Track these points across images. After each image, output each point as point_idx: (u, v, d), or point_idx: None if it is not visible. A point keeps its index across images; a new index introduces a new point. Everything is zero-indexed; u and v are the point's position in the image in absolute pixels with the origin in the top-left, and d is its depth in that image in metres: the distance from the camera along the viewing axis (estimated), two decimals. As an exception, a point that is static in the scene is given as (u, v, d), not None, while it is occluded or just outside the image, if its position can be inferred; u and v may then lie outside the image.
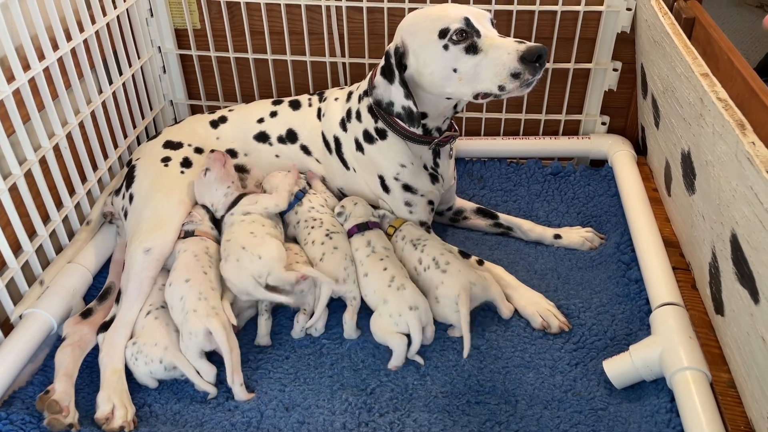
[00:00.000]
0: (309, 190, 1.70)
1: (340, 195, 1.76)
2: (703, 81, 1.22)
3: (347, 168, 1.71)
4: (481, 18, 1.44)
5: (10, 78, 1.42)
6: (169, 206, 1.57)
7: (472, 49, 1.40)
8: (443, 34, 1.41)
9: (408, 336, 1.40)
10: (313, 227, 1.58)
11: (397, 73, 1.47)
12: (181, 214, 1.57)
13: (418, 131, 1.57)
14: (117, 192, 1.68)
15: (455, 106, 1.57)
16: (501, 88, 1.39)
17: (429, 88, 1.48)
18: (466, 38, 1.40)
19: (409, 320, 1.39)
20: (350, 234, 1.59)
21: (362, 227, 1.59)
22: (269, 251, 1.46)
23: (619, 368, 1.34)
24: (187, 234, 1.54)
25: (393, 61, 1.47)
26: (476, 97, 1.44)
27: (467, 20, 1.40)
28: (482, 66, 1.39)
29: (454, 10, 1.43)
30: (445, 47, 1.41)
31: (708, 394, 1.21)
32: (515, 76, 1.36)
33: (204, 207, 1.63)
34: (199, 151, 1.73)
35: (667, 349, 1.30)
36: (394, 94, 1.49)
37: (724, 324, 1.26)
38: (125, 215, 1.61)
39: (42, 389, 1.34)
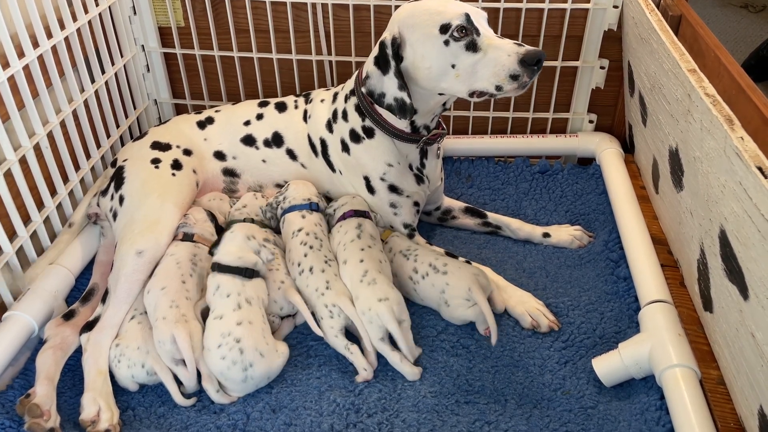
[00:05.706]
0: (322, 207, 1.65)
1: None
2: (691, 77, 1.22)
3: (333, 171, 1.69)
4: (479, 17, 1.44)
5: (-12, 75, 1.40)
6: (163, 209, 1.54)
7: (472, 47, 1.40)
8: (444, 29, 1.40)
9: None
10: (308, 244, 1.53)
11: (393, 63, 1.45)
12: (176, 217, 1.55)
13: (407, 129, 1.56)
14: (104, 193, 1.65)
15: (444, 103, 1.56)
16: (498, 88, 1.40)
17: (423, 82, 1.47)
18: (467, 35, 1.40)
19: (379, 312, 1.37)
20: (345, 216, 1.57)
21: (359, 214, 1.57)
22: None
23: (608, 366, 1.33)
24: (186, 237, 1.52)
25: (389, 51, 1.45)
26: (471, 95, 1.44)
27: (468, 17, 1.40)
28: (481, 65, 1.39)
29: (454, 5, 1.43)
30: (446, 43, 1.40)
31: (697, 392, 1.21)
32: (514, 77, 1.37)
33: (206, 211, 1.61)
34: (187, 152, 1.71)
35: (656, 346, 1.29)
36: (387, 85, 1.47)
37: (713, 321, 1.26)
38: (114, 216, 1.59)
39: (23, 393, 1.31)
